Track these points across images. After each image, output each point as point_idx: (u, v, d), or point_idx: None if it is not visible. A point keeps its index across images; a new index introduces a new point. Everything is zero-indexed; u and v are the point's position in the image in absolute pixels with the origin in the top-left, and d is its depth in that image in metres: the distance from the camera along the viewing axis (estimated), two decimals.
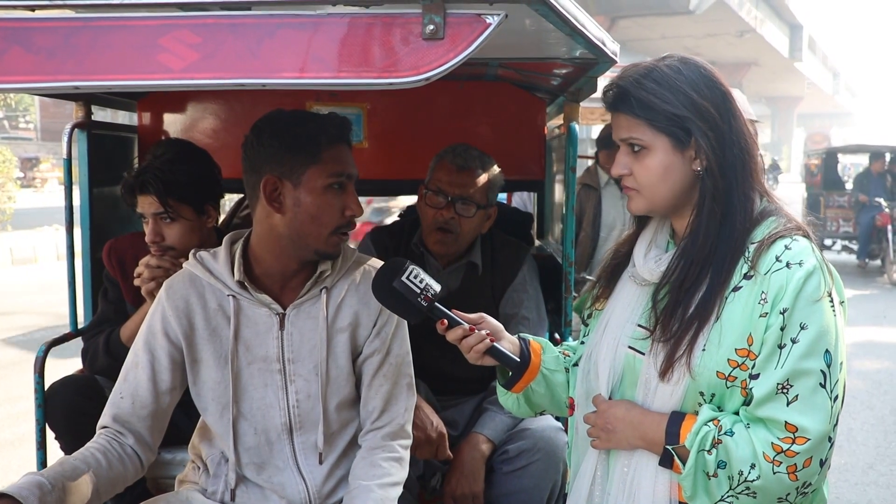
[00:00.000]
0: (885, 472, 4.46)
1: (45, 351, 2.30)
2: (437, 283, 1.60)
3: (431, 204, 2.35)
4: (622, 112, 1.46)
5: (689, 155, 1.43)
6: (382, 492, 1.72)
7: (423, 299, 1.56)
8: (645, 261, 1.52)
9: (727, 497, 1.36)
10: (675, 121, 1.41)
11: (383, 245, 2.49)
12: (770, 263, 1.36)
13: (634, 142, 1.45)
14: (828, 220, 13.01)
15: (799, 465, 1.31)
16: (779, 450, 1.31)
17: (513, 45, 1.90)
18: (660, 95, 1.41)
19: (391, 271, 1.58)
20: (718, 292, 1.39)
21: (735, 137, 1.43)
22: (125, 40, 1.16)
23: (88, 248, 2.60)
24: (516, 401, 1.70)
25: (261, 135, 1.71)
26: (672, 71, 1.43)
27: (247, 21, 1.15)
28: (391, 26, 1.14)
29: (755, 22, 24.81)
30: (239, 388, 1.77)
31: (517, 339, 1.68)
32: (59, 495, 1.50)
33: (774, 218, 1.44)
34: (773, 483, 1.32)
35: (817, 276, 1.34)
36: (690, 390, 1.40)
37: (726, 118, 1.42)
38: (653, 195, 1.47)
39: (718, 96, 1.43)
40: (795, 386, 1.31)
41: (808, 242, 1.39)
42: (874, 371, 6.61)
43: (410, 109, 2.99)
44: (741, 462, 1.33)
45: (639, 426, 1.45)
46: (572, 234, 2.47)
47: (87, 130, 2.59)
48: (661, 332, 1.42)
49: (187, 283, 1.78)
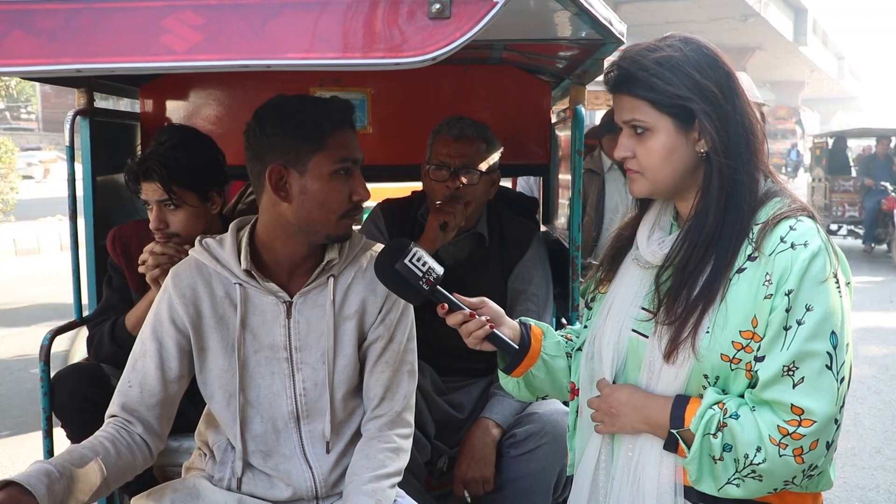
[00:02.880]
0: (893, 457, 4.45)
1: (50, 339, 2.30)
2: (439, 265, 1.59)
3: (436, 178, 2.37)
4: (624, 94, 1.44)
5: (692, 136, 1.42)
6: (375, 484, 1.71)
7: (424, 283, 1.55)
8: (648, 243, 1.51)
9: (733, 480, 1.35)
10: (678, 101, 1.39)
11: (392, 214, 2.53)
12: (775, 244, 1.35)
13: (637, 123, 1.43)
14: (834, 205, 12.96)
15: (805, 448, 1.31)
16: (785, 432, 1.31)
17: (518, 26, 1.88)
18: (662, 76, 1.39)
19: (394, 252, 1.57)
20: (723, 274, 1.38)
21: (739, 117, 1.41)
22: (127, 22, 1.15)
23: (92, 235, 2.59)
24: (517, 384, 1.69)
25: (263, 123, 1.69)
26: (674, 51, 1.41)
27: (251, 1, 1.14)
28: (397, 5, 1.12)
29: (759, 6, 24.65)
30: (246, 377, 1.76)
31: (518, 323, 1.66)
32: (67, 483, 1.50)
33: (779, 199, 1.42)
34: (780, 466, 1.32)
35: (822, 257, 1.33)
36: (695, 373, 1.39)
37: (730, 98, 1.41)
38: (656, 177, 1.45)
39: (721, 76, 1.41)
40: (801, 368, 1.30)
41: (812, 223, 1.38)
42: (881, 356, 6.59)
43: (415, 94, 2.97)
44: (747, 445, 1.32)
45: (643, 410, 1.45)
46: (579, 218, 2.46)
47: (90, 118, 2.57)
48: (666, 314, 1.42)
49: (194, 271, 1.77)
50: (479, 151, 2.37)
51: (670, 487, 1.43)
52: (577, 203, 2.45)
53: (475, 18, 1.10)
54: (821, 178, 13.55)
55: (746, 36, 27.14)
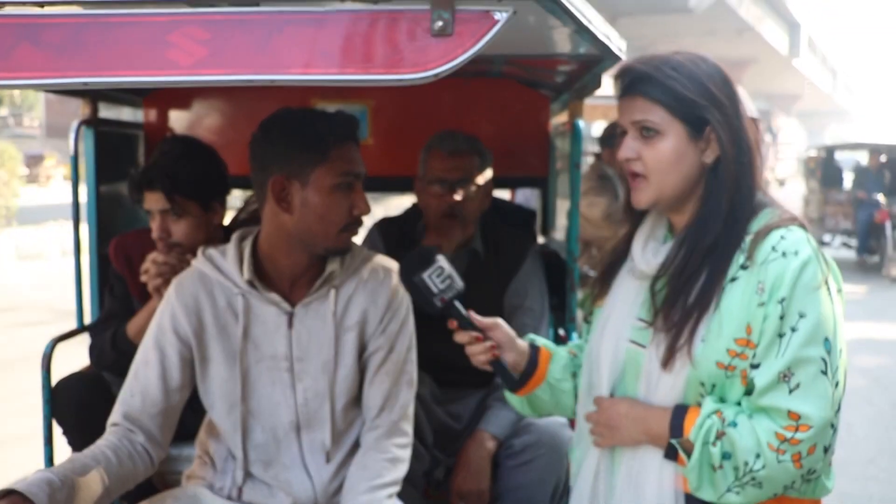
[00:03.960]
0: (886, 467, 4.47)
1: (52, 347, 2.31)
2: (460, 280, 1.60)
3: (433, 194, 2.37)
4: (639, 94, 1.45)
5: (700, 146, 1.45)
6: (373, 494, 1.72)
7: (438, 300, 1.58)
8: (643, 254, 1.53)
9: (733, 488, 1.37)
10: (694, 108, 1.42)
11: (390, 235, 2.53)
12: (766, 253, 1.38)
13: (648, 125, 1.44)
14: (827, 217, 13.02)
15: (803, 453, 1.33)
16: (782, 438, 1.33)
17: (518, 41, 1.90)
18: (680, 82, 1.43)
19: (417, 263, 1.60)
20: (718, 282, 1.41)
21: (743, 134, 1.45)
22: (134, 36, 1.16)
23: (95, 244, 2.61)
24: (520, 402, 1.71)
25: (268, 134, 1.71)
26: (690, 62, 1.45)
27: (255, 17, 1.15)
28: (400, 22, 1.14)
29: (754, 20, 24.76)
30: (247, 386, 1.78)
31: (528, 345, 1.68)
32: (68, 492, 1.50)
33: (770, 210, 1.46)
34: (779, 472, 1.34)
35: (814, 265, 1.36)
36: (691, 381, 1.41)
37: (736, 114, 1.45)
38: (662, 182, 1.45)
39: (731, 93, 1.47)
40: (797, 374, 1.33)
41: (803, 232, 1.41)
42: (873, 367, 6.61)
43: (415, 106, 2.98)
44: (746, 452, 1.34)
45: (643, 422, 1.46)
46: (577, 231, 2.48)
47: (94, 127, 2.59)
48: (663, 321, 1.44)
49: (196, 281, 1.78)
50: (474, 165, 2.39)
51: (671, 496, 1.45)
52: (574, 215, 2.47)
53: (477, 36, 1.12)
54: (814, 190, 13.62)
55: (742, 50, 27.22)
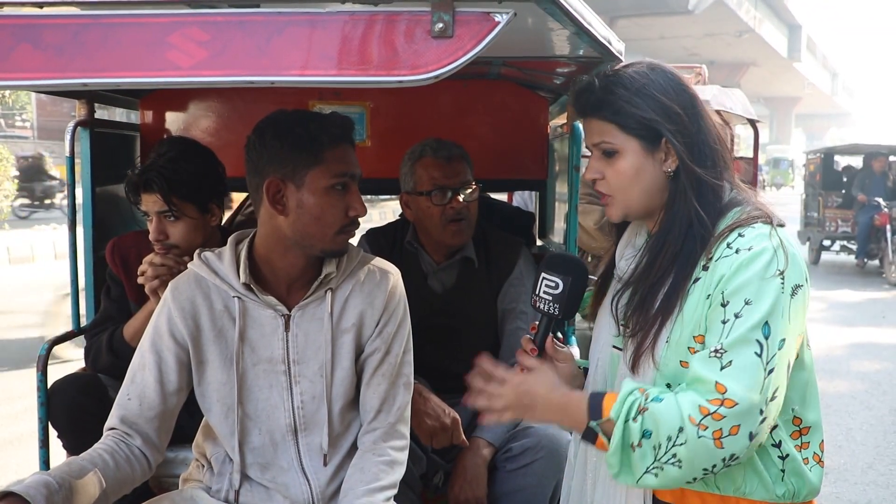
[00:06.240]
0: (885, 472, 4.47)
1: (47, 349, 2.30)
2: (557, 312, 1.55)
3: (438, 202, 2.36)
4: (593, 117, 1.51)
5: (658, 156, 1.47)
6: (370, 497, 1.72)
7: (532, 300, 1.58)
8: (621, 260, 1.58)
9: (651, 469, 1.35)
10: (645, 124, 1.45)
11: (378, 246, 2.50)
12: (722, 251, 1.41)
13: (605, 146, 1.49)
14: (826, 220, 13.03)
15: (725, 431, 1.31)
16: (706, 412, 1.31)
17: (517, 43, 1.90)
18: (628, 100, 1.46)
19: (555, 264, 1.57)
20: (682, 286, 1.43)
21: (704, 136, 1.48)
22: (134, 37, 1.16)
23: (91, 246, 2.60)
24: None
25: (263, 136, 1.71)
26: (640, 76, 1.48)
27: (255, 18, 1.15)
28: (400, 24, 1.14)
29: (754, 22, 24.84)
30: (244, 389, 1.77)
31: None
32: (65, 495, 1.50)
33: (739, 208, 1.47)
34: (699, 448, 1.31)
35: (766, 257, 1.36)
36: (658, 383, 1.43)
37: (694, 119, 1.47)
38: (626, 198, 1.50)
39: (686, 99, 1.48)
40: (730, 352, 1.33)
41: (767, 228, 1.42)
42: (873, 371, 6.61)
43: (413, 108, 2.99)
44: (669, 428, 1.33)
45: (560, 410, 1.47)
46: (575, 233, 2.48)
47: (90, 128, 2.58)
48: (631, 326, 1.47)
49: (193, 284, 1.78)
50: (467, 169, 2.42)
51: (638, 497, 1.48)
52: (573, 218, 2.46)
53: (477, 37, 1.12)
54: (813, 193, 13.63)
55: (741, 52, 27.31)
